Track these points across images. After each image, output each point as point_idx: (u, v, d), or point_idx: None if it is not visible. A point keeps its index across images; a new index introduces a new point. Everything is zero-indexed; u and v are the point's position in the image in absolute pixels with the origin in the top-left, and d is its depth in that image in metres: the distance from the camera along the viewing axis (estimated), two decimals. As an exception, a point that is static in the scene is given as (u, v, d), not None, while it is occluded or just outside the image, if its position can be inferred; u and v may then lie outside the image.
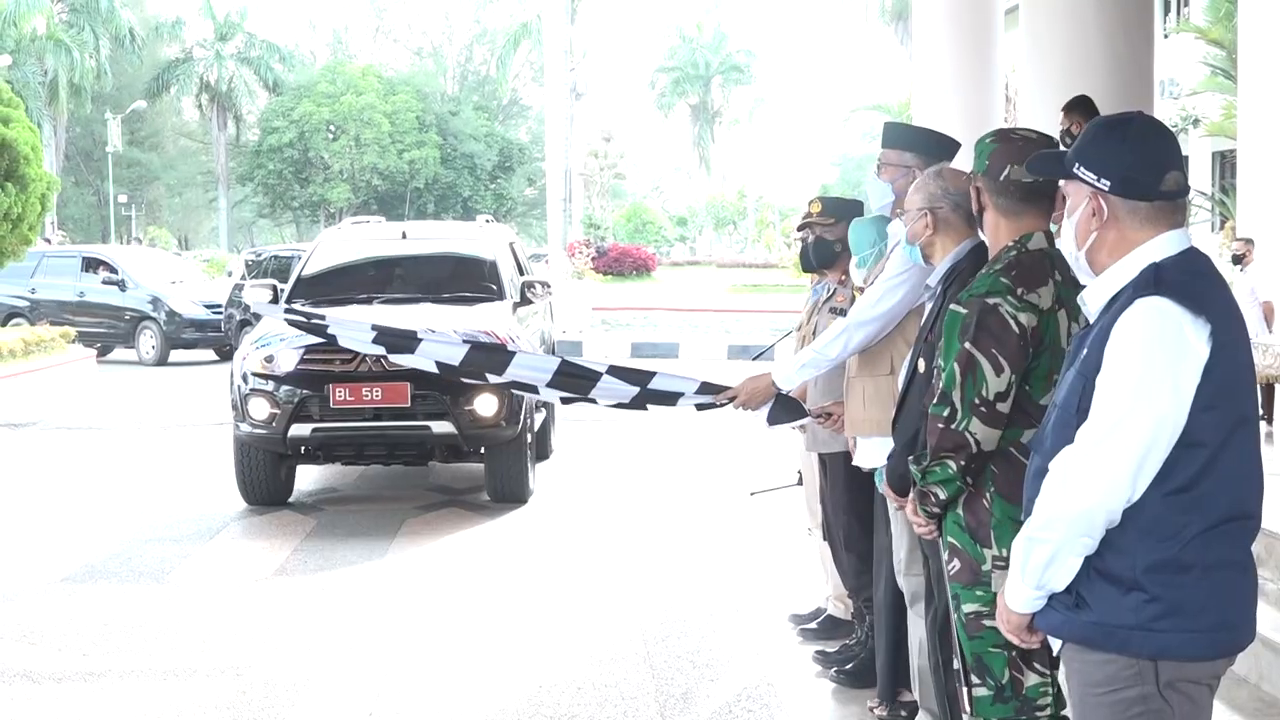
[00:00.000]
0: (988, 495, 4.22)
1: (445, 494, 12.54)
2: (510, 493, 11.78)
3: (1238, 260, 15.08)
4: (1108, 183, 3.34)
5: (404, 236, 14.25)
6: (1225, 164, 27.85)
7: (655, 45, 78.58)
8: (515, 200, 71.57)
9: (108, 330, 29.11)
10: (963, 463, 4.19)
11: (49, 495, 12.99)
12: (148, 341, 28.44)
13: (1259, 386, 11.14)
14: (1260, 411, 11.22)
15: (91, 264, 30.61)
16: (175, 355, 28.02)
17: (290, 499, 11.96)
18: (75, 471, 14.26)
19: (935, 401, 4.22)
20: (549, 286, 13.78)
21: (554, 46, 39.37)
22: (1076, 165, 3.39)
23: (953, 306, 4.25)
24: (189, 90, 74.91)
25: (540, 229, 65.58)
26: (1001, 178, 4.22)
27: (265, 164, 69.31)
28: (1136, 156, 3.36)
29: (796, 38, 74.80)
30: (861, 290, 6.09)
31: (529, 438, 11.84)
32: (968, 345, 4.12)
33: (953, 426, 4.17)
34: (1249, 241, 15.27)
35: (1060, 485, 3.26)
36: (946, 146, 5.75)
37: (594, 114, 72.62)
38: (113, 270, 29.99)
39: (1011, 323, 4.09)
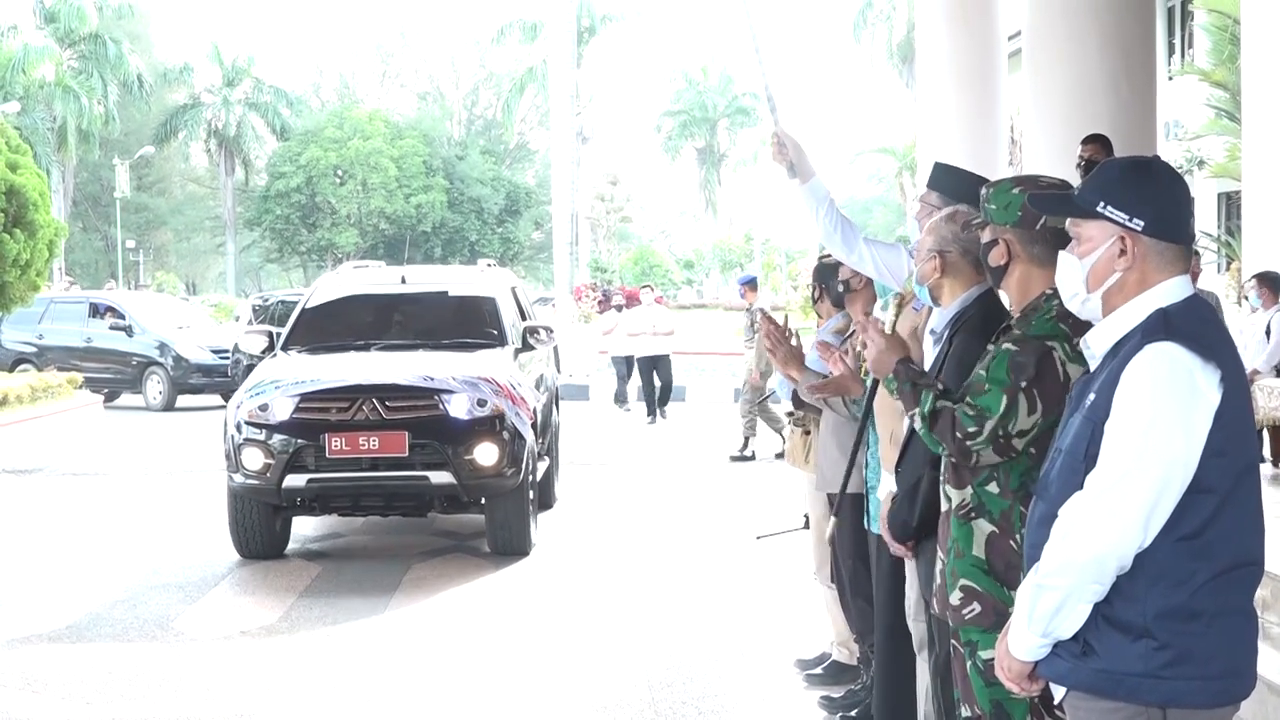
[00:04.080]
0: (1016, 538, 4.16)
1: (449, 538, 12.48)
2: (511, 545, 11.45)
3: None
4: (1141, 223, 3.31)
5: (404, 281, 13.78)
6: (1231, 205, 27.86)
7: (661, 89, 78.79)
8: (522, 244, 71.70)
9: (115, 376, 29.17)
10: (948, 451, 4.22)
11: (54, 542, 12.97)
12: (155, 387, 28.48)
13: (1264, 428, 11.12)
14: (1263, 454, 11.23)
15: (99, 310, 30.70)
16: (182, 400, 28.03)
17: (285, 550, 11.70)
18: (80, 518, 14.25)
19: (970, 413, 4.14)
20: (551, 332, 13.52)
21: (560, 91, 39.54)
22: (1103, 204, 3.35)
23: (1006, 345, 4.18)
24: (197, 136, 75.11)
25: (547, 272, 65.70)
26: (1037, 226, 4.16)
27: (273, 209, 69.46)
28: (1168, 198, 3.36)
29: (803, 80, 75.13)
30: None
31: (531, 487, 11.54)
32: (1023, 383, 4.09)
33: (968, 444, 4.15)
34: (1268, 277, 14.78)
35: (1071, 532, 3.24)
36: (972, 188, 5.68)
37: (600, 158, 73.04)
38: (120, 316, 30.07)
39: (1060, 370, 4.06)
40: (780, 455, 18.18)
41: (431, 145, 71.23)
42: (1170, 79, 29.84)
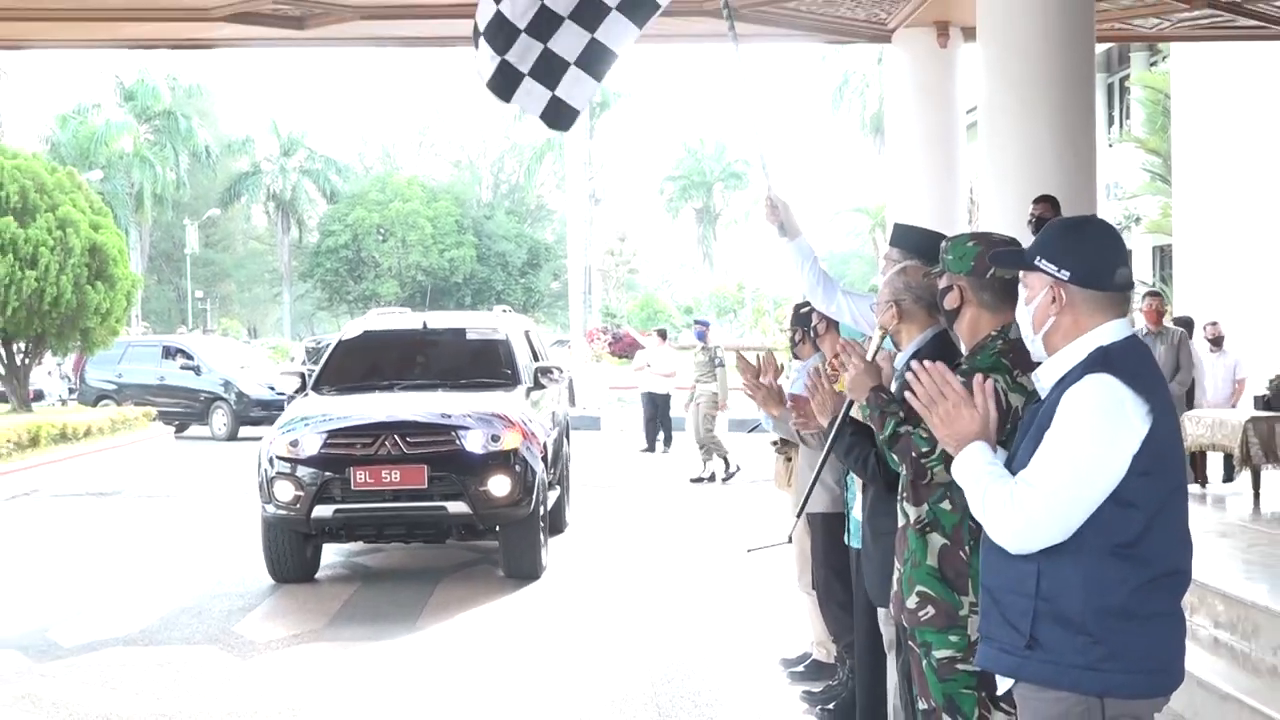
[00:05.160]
0: (965, 550, 4.17)
1: (468, 563, 12.07)
2: (524, 569, 11.06)
3: (1216, 343, 14.22)
4: (1067, 273, 3.35)
5: (425, 326, 13.26)
6: (1164, 257, 27.88)
7: (664, 156, 78.94)
8: (542, 293, 71.68)
9: (184, 410, 29.28)
10: (907, 470, 4.22)
11: (130, 556, 12.97)
12: (220, 419, 28.57)
13: (1191, 454, 11.10)
14: (1193, 476, 11.20)
15: (171, 352, 30.85)
16: (244, 431, 28.02)
17: (318, 575, 11.34)
18: (153, 535, 14.25)
19: (924, 436, 4.14)
20: (563, 372, 13.23)
21: (575, 158, 39.62)
22: (1038, 258, 3.40)
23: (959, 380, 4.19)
24: (257, 199, 75.40)
25: (564, 317, 65.65)
26: (987, 275, 4.19)
27: (323, 263, 69.59)
28: (1092, 252, 3.39)
29: (789, 148, 75.18)
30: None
31: (542, 516, 11.19)
32: None
33: (923, 462, 4.16)
34: (1215, 324, 14.64)
35: (1003, 503, 3.27)
36: (928, 243, 5.68)
37: (610, 217, 73.31)
38: (189, 357, 30.22)
39: (1003, 398, 4.07)
40: (728, 478, 18.24)
41: (463, 207, 71.39)
42: (1110, 146, 29.91)
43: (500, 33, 6.84)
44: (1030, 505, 3.22)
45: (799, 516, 6.18)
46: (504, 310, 15.19)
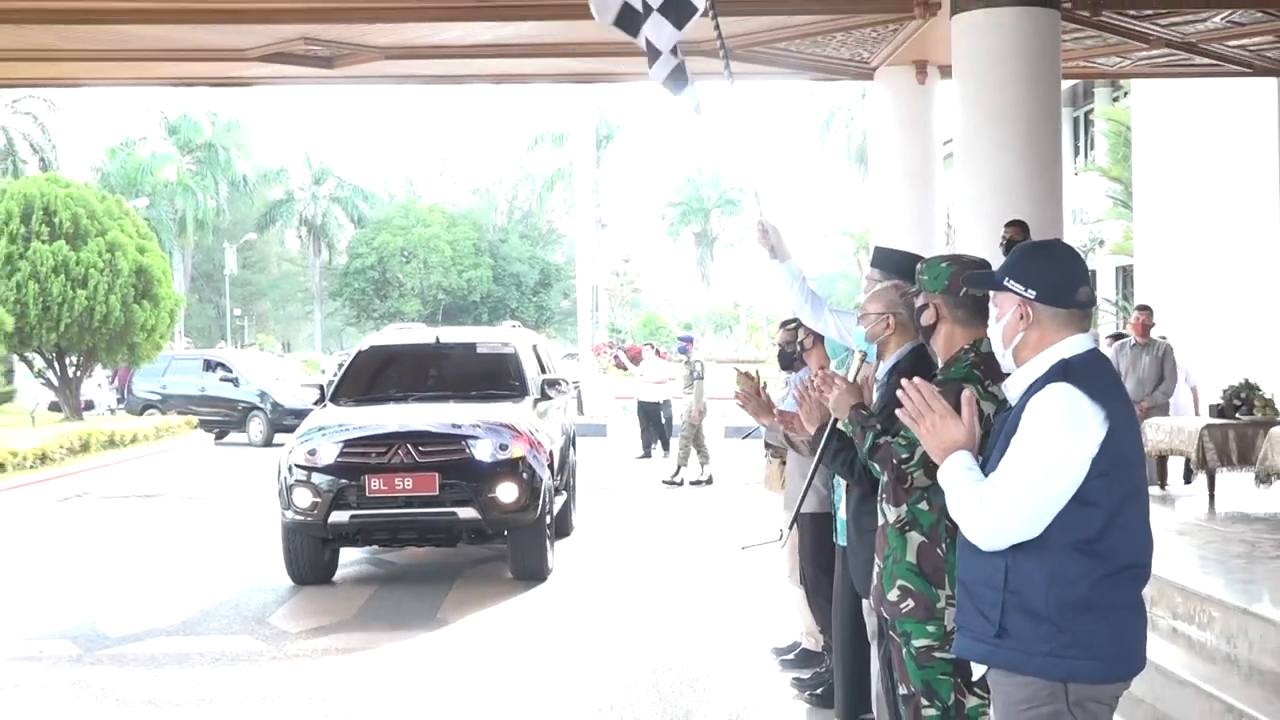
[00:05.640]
0: (942, 547, 4.17)
1: (480, 565, 11.80)
2: (531, 571, 10.76)
3: None
4: (1034, 292, 3.36)
5: (438, 341, 12.98)
6: (1126, 277, 27.87)
7: (665, 184, 78.87)
8: (553, 310, 71.63)
9: (224, 418, 29.29)
10: (889, 476, 4.21)
11: (172, 553, 12.97)
12: (256, 427, 28.56)
13: (1154, 458, 11.08)
14: (1155, 479, 11.18)
15: (211, 365, 30.90)
16: (279, 438, 27.89)
17: (336, 576, 11.07)
18: (193, 534, 14.25)
19: (903, 444, 4.14)
20: (569, 383, 12.99)
21: (583, 186, 39.51)
22: (1007, 279, 3.41)
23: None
24: (291, 224, 75.42)
25: (573, 333, 65.51)
26: (961, 294, 4.18)
27: (352, 283, 69.59)
28: (1055, 273, 3.40)
29: (780, 177, 75.13)
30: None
31: (549, 521, 10.94)
32: None
33: (903, 468, 4.16)
34: (1164, 337, 14.59)
35: (974, 505, 3.26)
36: (905, 264, 5.68)
37: (616, 240, 73.25)
38: (228, 370, 30.23)
39: (977, 407, 4.07)
40: (705, 481, 18.24)
41: (480, 231, 71.39)
42: (1076, 174, 29.92)
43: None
44: (999, 506, 3.22)
45: (794, 519, 6.17)
46: (513, 325, 14.86)
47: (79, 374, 30.78)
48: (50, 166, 54.71)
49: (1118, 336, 13.75)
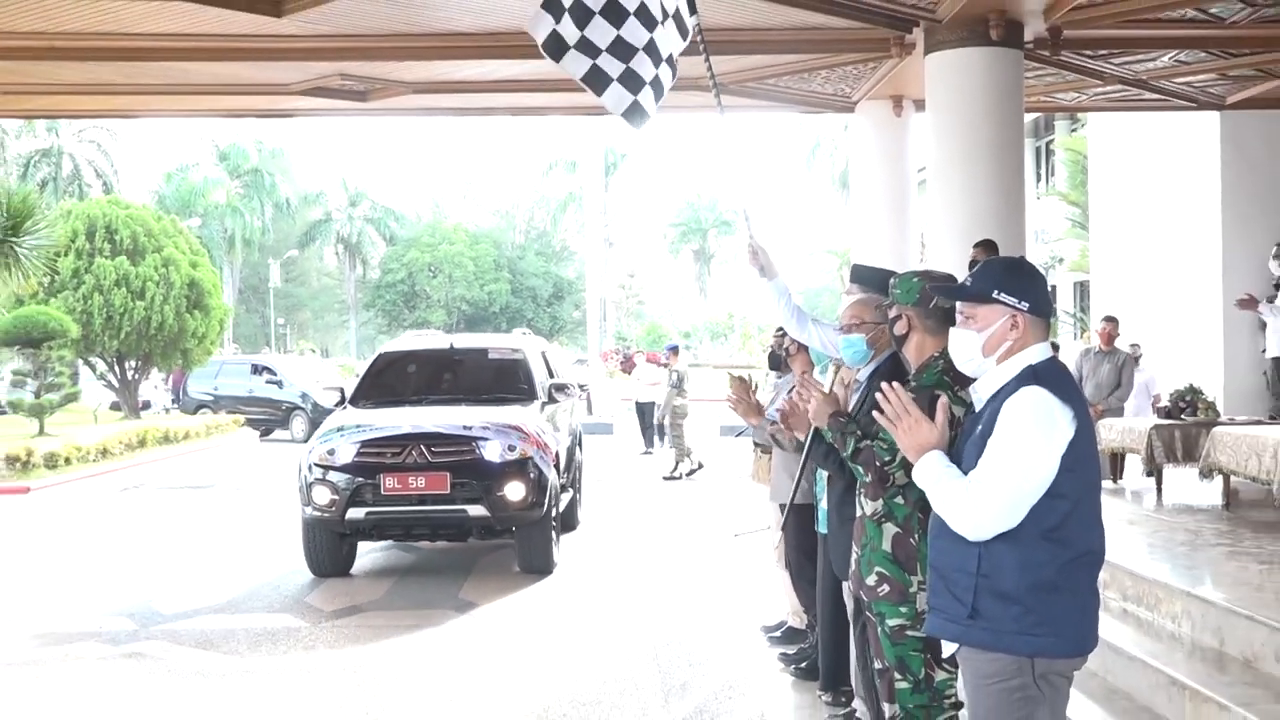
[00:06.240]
0: (915, 537, 4.15)
1: (491, 559, 11.55)
2: (537, 565, 10.42)
3: (1134, 360, 14.06)
4: (1026, 304, 3.35)
5: (451, 347, 12.56)
6: (1083, 291, 27.85)
7: (666, 207, 78.90)
8: (565, 320, 71.59)
9: (269, 417, 29.36)
10: (872, 479, 4.19)
11: (220, 539, 12.97)
12: (298, 425, 28.60)
13: (1111, 455, 11.06)
14: (1115, 473, 11.15)
15: (258, 369, 30.98)
16: (317, 435, 27.98)
17: (353, 569, 10.69)
18: (239, 522, 14.25)
19: (884, 446, 4.13)
20: (576, 387, 12.57)
21: (593, 208, 39.52)
22: (997, 292, 3.37)
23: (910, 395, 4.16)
24: (328, 242, 75.49)
25: (584, 341, 65.63)
26: (931, 305, 4.17)
27: (384, 295, 69.62)
28: (1040, 287, 3.40)
29: (769, 200, 75.05)
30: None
31: (554, 518, 10.62)
32: None
33: (885, 469, 4.15)
34: (1136, 346, 14.57)
35: (962, 500, 3.24)
36: (881, 279, 5.64)
37: (622, 257, 73.25)
38: (273, 373, 30.30)
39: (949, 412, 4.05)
40: (680, 475, 18.27)
41: (499, 248, 71.43)
42: (1038, 199, 29.90)
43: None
44: (986, 500, 3.20)
45: (786, 511, 6.15)
46: (524, 333, 14.44)
47: (137, 377, 30.87)
48: (112, 190, 54.82)
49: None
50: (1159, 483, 10.43)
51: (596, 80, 5.78)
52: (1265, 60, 12.82)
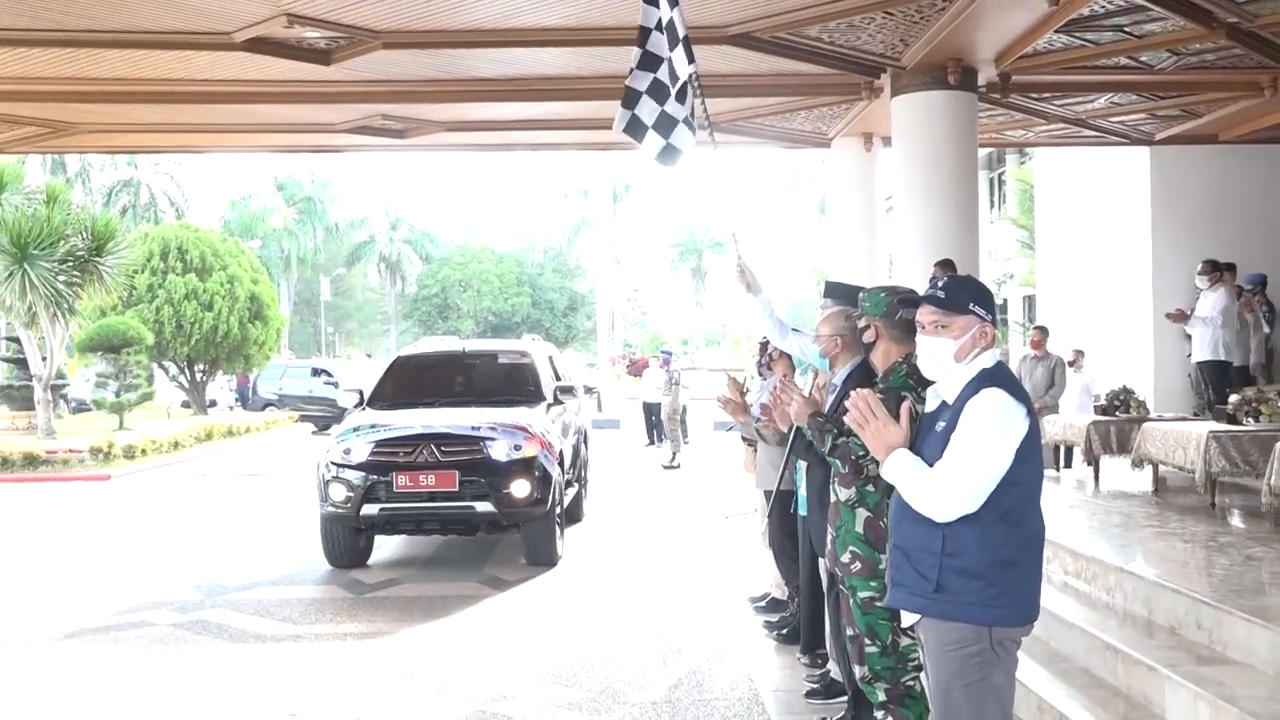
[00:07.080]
0: (884, 521, 4.13)
1: (502, 552, 11.42)
2: (542, 558, 9.88)
3: (1074, 364, 13.63)
4: (990, 316, 3.37)
5: (464, 351, 12.00)
6: (1030, 304, 27.80)
7: (667, 230, 78.84)
8: (578, 329, 71.46)
9: (326, 414, 29.30)
10: (848, 470, 4.20)
11: (274, 521, 12.94)
12: (351, 420, 28.57)
13: (1058, 446, 11.03)
14: (1057, 463, 11.11)
15: (317, 371, 31.05)
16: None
17: (368, 562, 10.10)
18: (291, 506, 14.20)
19: (858, 442, 4.10)
20: (580, 389, 11.91)
21: (602, 231, 39.62)
22: (972, 305, 3.35)
23: (879, 396, 4.13)
24: (372, 260, 75.40)
25: (594, 347, 65.61)
26: (897, 317, 4.15)
27: (420, 307, 69.54)
28: (992, 301, 3.41)
29: (756, 224, 74.94)
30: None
31: (559, 513, 10.09)
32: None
33: (860, 462, 4.15)
34: (1080, 352, 14.57)
35: (929, 486, 3.21)
36: (851, 293, 5.61)
37: (628, 274, 73.19)
38: (330, 375, 30.31)
39: (915, 411, 4.02)
40: (669, 466, 18.29)
41: (521, 267, 71.30)
42: (991, 223, 29.87)
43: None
44: (954, 487, 3.17)
45: (773, 497, 6.13)
46: (533, 338, 13.71)
47: (205, 379, 30.91)
48: (183, 215, 54.90)
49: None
50: (1096, 471, 10.38)
51: (636, 130, 5.73)
52: (1188, 101, 12.84)
